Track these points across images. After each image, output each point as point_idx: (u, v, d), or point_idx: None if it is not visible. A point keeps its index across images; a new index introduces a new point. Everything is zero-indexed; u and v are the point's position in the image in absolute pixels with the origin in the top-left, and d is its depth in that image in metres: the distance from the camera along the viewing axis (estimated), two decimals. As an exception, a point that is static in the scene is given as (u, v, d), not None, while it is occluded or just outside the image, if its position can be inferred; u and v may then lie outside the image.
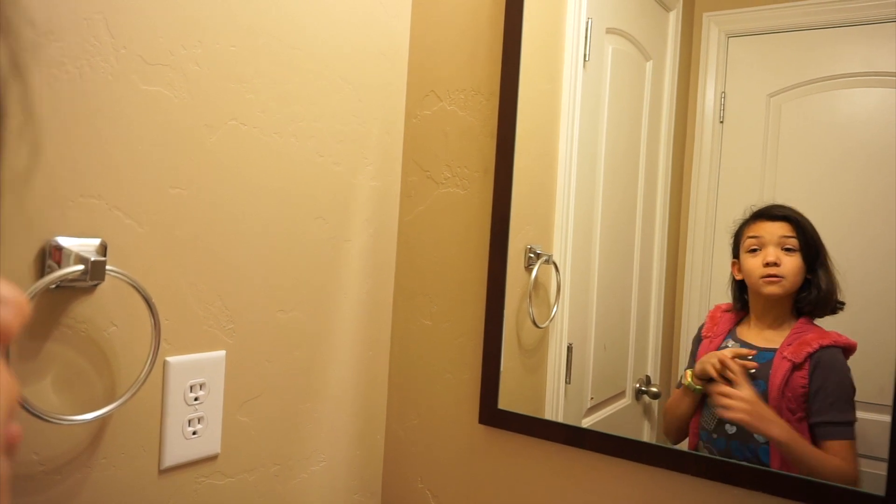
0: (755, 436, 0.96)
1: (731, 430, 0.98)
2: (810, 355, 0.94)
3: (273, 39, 1.03)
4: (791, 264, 0.96)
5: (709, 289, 1.03)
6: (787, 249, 0.96)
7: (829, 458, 0.91)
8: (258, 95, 1.02)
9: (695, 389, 1.01)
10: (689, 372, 1.02)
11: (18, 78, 0.38)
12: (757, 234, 0.98)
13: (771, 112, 0.98)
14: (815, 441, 0.92)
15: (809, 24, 0.95)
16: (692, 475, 0.99)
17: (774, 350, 0.97)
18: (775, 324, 0.99)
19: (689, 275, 1.05)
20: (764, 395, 0.96)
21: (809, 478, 0.90)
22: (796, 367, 0.94)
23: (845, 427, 0.91)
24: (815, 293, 0.95)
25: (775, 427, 0.94)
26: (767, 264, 0.97)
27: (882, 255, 0.89)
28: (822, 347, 0.93)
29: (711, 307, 1.03)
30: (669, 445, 1.03)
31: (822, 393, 0.93)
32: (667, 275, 1.08)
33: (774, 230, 0.97)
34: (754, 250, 0.99)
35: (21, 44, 0.40)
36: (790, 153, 0.97)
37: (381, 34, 1.23)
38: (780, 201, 0.97)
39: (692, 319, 1.04)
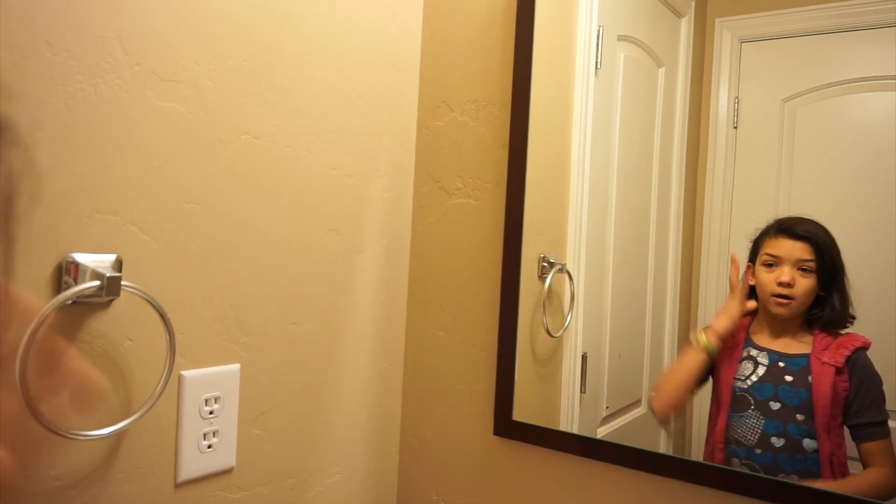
0: (804, 446, 0.94)
1: (778, 443, 0.96)
2: (848, 358, 0.93)
3: (284, 53, 1.04)
4: (804, 285, 0.96)
5: (724, 296, 1.02)
6: (804, 270, 0.96)
7: (865, 478, 0.90)
8: (270, 109, 1.02)
9: (711, 350, 1.00)
10: (702, 331, 1.01)
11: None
12: (775, 253, 0.98)
13: (785, 117, 0.97)
14: (856, 444, 0.92)
15: (822, 28, 0.94)
16: (710, 487, 0.97)
17: (804, 356, 0.96)
18: (788, 333, 0.98)
19: (703, 282, 1.04)
20: (808, 404, 0.94)
21: (831, 490, 0.89)
22: (839, 371, 0.94)
23: (883, 426, 0.91)
24: (827, 312, 0.95)
25: None
26: (781, 284, 0.97)
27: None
28: (857, 349, 0.93)
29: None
30: (687, 457, 1.01)
31: (861, 394, 0.92)
32: (681, 282, 1.07)
33: (794, 250, 0.96)
34: (770, 265, 0.98)
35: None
36: (805, 158, 0.96)
37: (392, 46, 1.24)
38: (795, 208, 0.96)
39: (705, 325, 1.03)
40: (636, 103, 1.12)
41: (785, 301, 0.97)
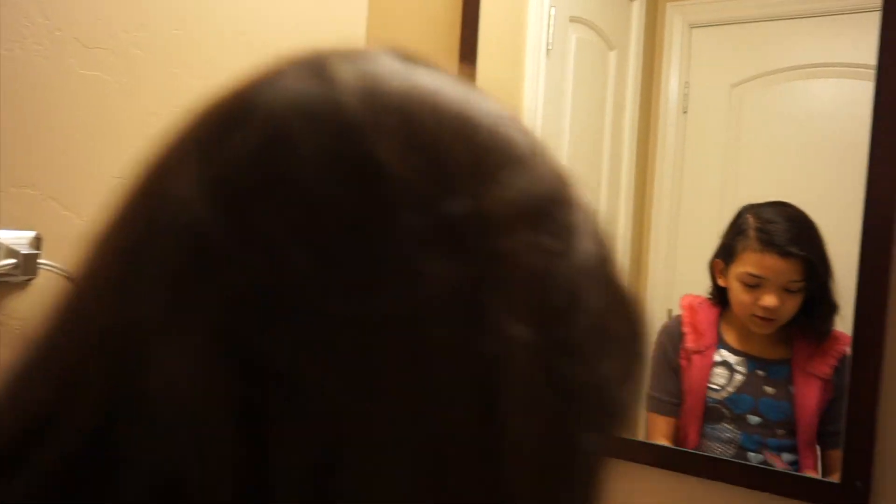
0: (784, 459, 0.85)
1: (756, 458, 0.87)
2: (835, 368, 0.83)
3: (220, 24, 0.98)
4: (791, 305, 0.84)
5: (672, 279, 1.02)
6: (791, 291, 0.84)
7: None
8: (205, 82, 0.96)
9: None
10: None
11: None
12: (760, 274, 0.84)
13: (733, 102, 0.98)
14: (824, 450, 0.84)
15: (771, 14, 0.95)
16: (654, 466, 0.92)
17: (785, 361, 0.87)
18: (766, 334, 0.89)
19: (653, 264, 1.04)
20: (791, 419, 0.85)
21: (774, 468, 0.88)
22: (826, 383, 0.83)
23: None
24: (812, 322, 0.85)
25: None
26: (766, 308, 0.84)
27: (843, 243, 0.88)
28: (844, 355, 0.82)
29: (678, 301, 0.97)
30: (631, 438, 1.00)
31: (839, 401, 0.81)
32: (631, 264, 1.07)
33: (783, 272, 0.84)
34: (752, 285, 0.85)
35: None
36: (752, 143, 0.97)
37: (336, 18, 1.19)
38: (742, 191, 0.95)
39: (657, 311, 1.03)
40: (588, 86, 1.11)
41: (767, 322, 0.86)
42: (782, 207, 0.87)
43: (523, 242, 0.20)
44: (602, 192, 1.10)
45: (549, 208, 0.22)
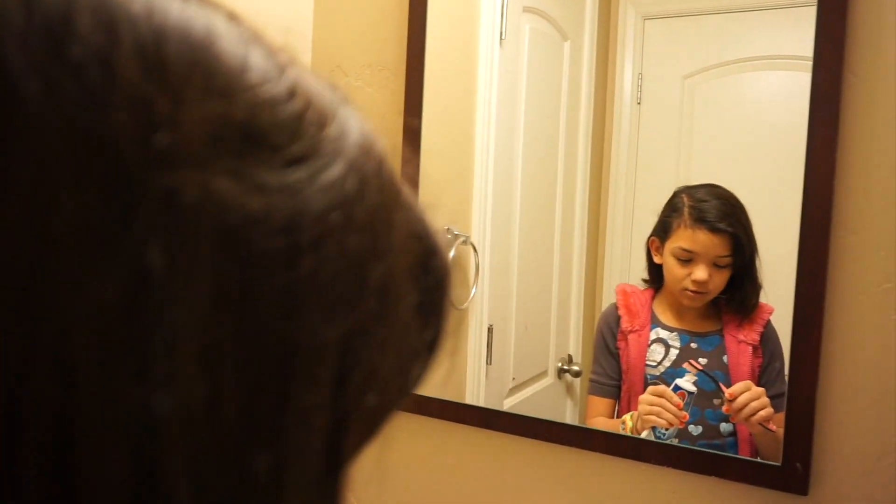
0: (721, 430, 0.91)
1: (696, 431, 0.92)
2: (762, 333, 0.90)
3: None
4: (719, 279, 0.91)
5: (628, 267, 1.04)
6: (720, 266, 0.90)
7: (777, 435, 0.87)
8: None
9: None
10: (628, 419, 0.95)
11: None
12: (692, 249, 0.90)
13: (685, 93, 0.99)
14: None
15: (721, 7, 0.96)
16: (601, 453, 0.96)
17: (716, 332, 0.93)
18: (696, 309, 0.95)
19: (609, 254, 1.06)
20: (726, 386, 0.90)
21: (712, 451, 0.90)
22: (755, 349, 0.89)
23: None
24: (737, 298, 0.91)
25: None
26: (696, 282, 0.91)
27: (788, 227, 0.91)
28: (768, 322, 0.89)
29: (616, 289, 1.00)
30: (578, 424, 1.03)
31: (773, 365, 0.88)
32: (587, 254, 1.09)
33: (712, 247, 0.90)
34: (685, 260, 0.91)
35: None
36: (703, 133, 0.98)
37: (283, 8, 1.14)
38: (694, 180, 0.97)
39: (613, 298, 1.06)
40: (542, 76, 1.11)
41: (698, 295, 0.92)
42: (713, 188, 0.93)
43: (206, 177, 0.17)
44: (558, 181, 1.11)
45: (266, 138, 0.19)
